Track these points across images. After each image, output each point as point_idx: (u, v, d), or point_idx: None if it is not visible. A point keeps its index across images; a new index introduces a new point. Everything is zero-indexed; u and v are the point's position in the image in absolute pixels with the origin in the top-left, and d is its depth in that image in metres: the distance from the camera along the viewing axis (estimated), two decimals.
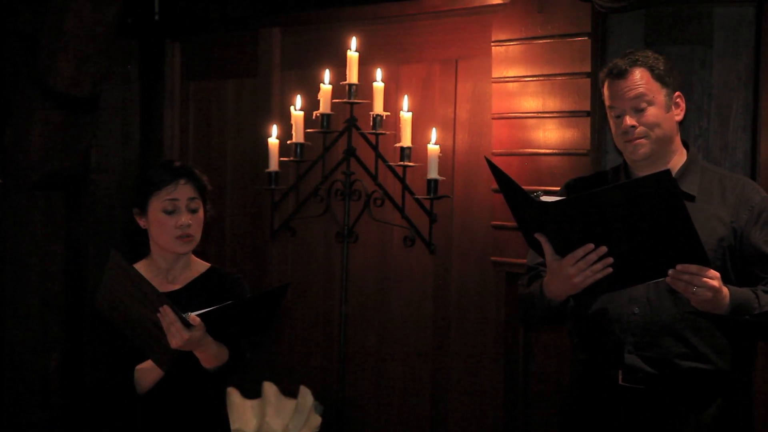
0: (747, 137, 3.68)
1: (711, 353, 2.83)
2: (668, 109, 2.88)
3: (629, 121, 2.84)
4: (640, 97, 2.84)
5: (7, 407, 5.28)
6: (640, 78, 2.85)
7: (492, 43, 4.15)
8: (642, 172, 2.85)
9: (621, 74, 2.86)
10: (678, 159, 2.91)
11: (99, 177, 5.50)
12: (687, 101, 2.98)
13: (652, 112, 2.85)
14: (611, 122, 2.92)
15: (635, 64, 2.87)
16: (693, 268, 2.61)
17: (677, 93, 2.91)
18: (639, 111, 2.85)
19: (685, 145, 2.97)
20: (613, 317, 2.87)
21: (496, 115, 4.18)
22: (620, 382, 2.87)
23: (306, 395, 4.85)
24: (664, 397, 2.84)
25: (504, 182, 2.69)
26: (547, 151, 3.96)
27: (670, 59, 2.97)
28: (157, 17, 5.67)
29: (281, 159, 4.49)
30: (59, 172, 5.22)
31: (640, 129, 2.84)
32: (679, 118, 2.92)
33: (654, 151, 2.86)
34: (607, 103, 2.92)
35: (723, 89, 3.68)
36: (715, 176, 2.92)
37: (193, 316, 2.72)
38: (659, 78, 2.87)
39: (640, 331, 2.84)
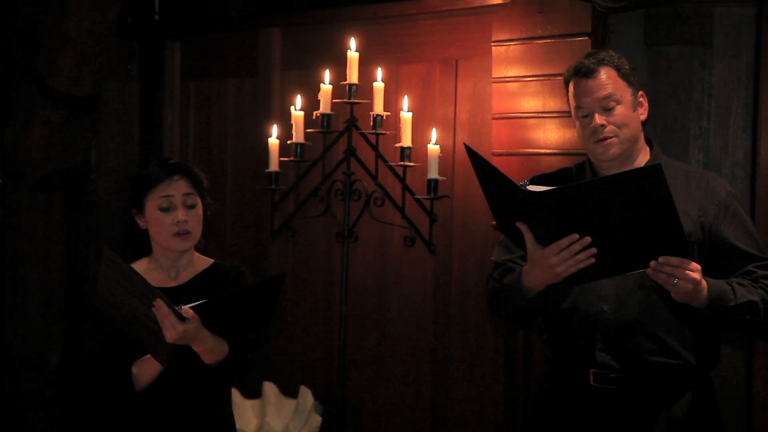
0: (747, 137, 3.68)
1: (679, 348, 2.85)
2: (634, 108, 2.90)
3: (599, 119, 2.86)
4: (609, 96, 2.86)
5: (7, 407, 5.28)
6: (607, 78, 2.87)
7: (492, 43, 4.15)
8: (609, 171, 2.88)
9: (589, 73, 2.87)
10: (643, 158, 2.94)
11: (99, 177, 5.50)
12: (687, 101, 2.98)
13: (620, 111, 2.87)
14: (577, 122, 2.92)
15: (602, 63, 2.88)
16: (674, 260, 2.61)
17: (640, 92, 2.94)
18: (607, 110, 2.87)
19: (649, 142, 2.99)
20: (582, 315, 2.88)
21: (496, 115, 4.18)
22: (591, 383, 2.88)
23: (306, 395, 4.84)
24: (635, 395, 2.85)
25: (486, 170, 2.68)
26: (548, 151, 3.96)
27: (669, 59, 2.97)
28: (157, 17, 5.67)
29: (281, 159, 4.49)
30: (59, 172, 5.22)
31: (610, 128, 2.86)
32: (643, 117, 2.95)
33: (623, 150, 2.88)
34: (573, 103, 2.92)
35: (723, 89, 3.69)
36: (680, 172, 2.94)
37: (185, 308, 2.70)
38: (625, 77, 2.89)
39: (610, 328, 2.86)
